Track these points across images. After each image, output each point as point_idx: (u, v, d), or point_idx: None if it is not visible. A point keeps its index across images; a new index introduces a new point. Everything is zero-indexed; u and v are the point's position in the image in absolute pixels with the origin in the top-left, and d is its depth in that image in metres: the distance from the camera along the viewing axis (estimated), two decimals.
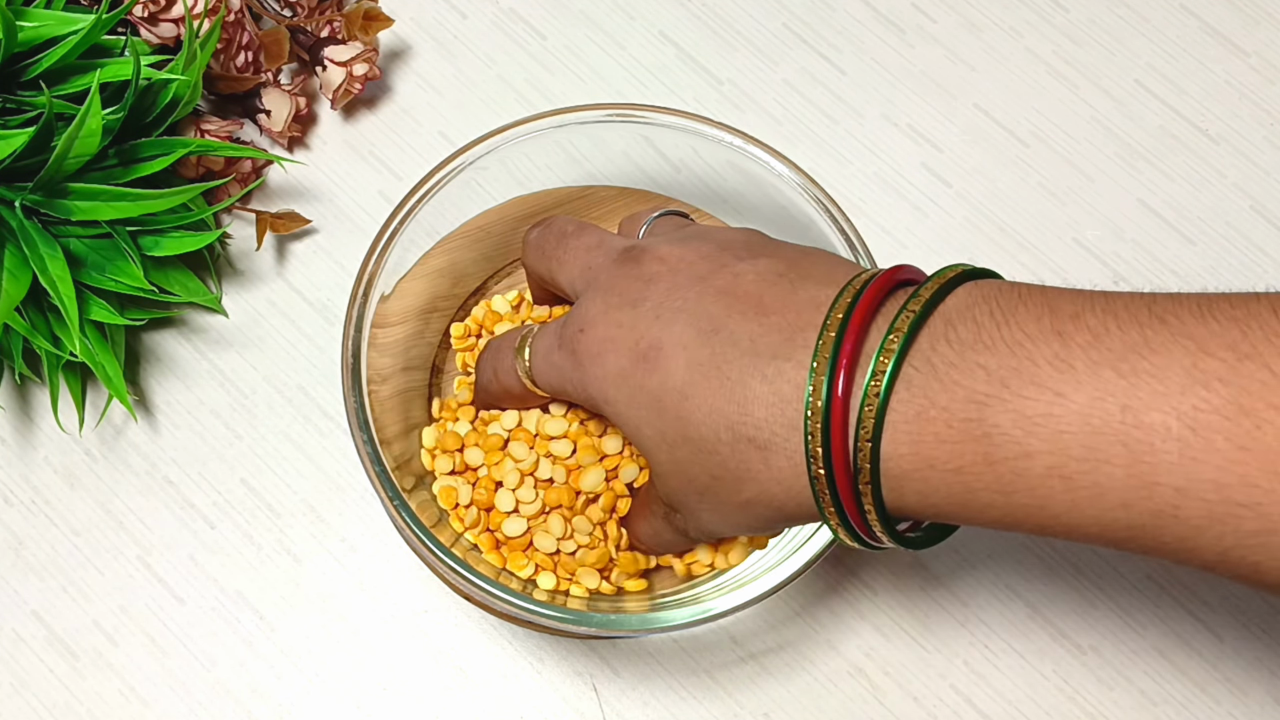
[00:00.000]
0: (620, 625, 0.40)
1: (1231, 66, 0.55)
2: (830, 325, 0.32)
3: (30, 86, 0.44)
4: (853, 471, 0.31)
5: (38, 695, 0.46)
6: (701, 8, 0.55)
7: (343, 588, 0.48)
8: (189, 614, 0.47)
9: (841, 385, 0.31)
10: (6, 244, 0.43)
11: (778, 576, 0.40)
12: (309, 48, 0.51)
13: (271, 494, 0.48)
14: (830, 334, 0.31)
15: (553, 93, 0.54)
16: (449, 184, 0.44)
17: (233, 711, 0.46)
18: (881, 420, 0.30)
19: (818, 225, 0.44)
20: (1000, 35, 0.55)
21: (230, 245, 0.51)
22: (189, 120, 0.48)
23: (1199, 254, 0.52)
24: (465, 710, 0.46)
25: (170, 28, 0.47)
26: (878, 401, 0.30)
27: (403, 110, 0.53)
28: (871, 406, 0.30)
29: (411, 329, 0.46)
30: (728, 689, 0.47)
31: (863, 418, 0.31)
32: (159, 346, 0.50)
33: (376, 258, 0.42)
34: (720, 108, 0.54)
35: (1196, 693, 0.47)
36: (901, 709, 0.47)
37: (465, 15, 0.55)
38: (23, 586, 0.47)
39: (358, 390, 0.41)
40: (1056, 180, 0.53)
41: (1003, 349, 0.29)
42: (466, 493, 0.43)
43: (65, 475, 0.48)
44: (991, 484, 0.30)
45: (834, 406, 0.31)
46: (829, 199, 0.43)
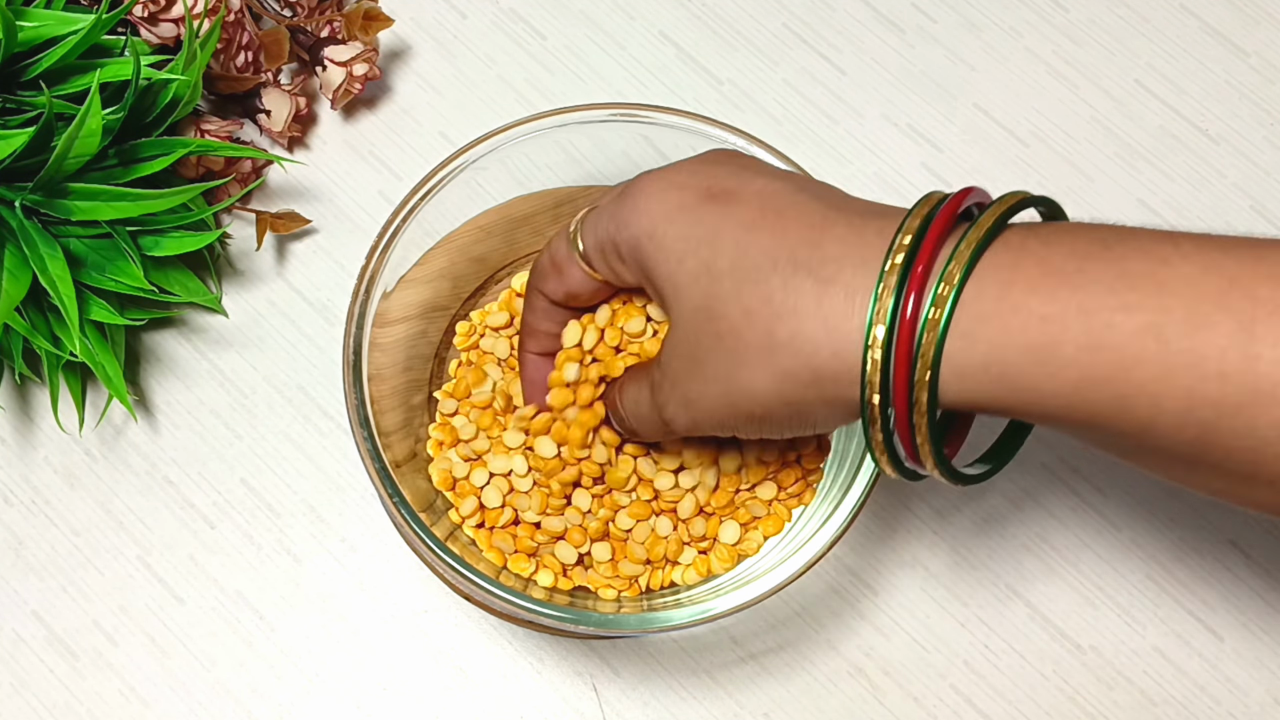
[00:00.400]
0: (620, 625, 0.40)
1: (1231, 66, 0.55)
2: (924, 204, 0.32)
3: (30, 86, 0.44)
4: (918, 324, 0.31)
5: (38, 695, 0.46)
6: (701, 8, 0.55)
7: (343, 588, 0.48)
8: (189, 614, 0.47)
9: (911, 310, 0.30)
10: (6, 244, 0.43)
11: (778, 576, 0.40)
12: (309, 48, 0.51)
13: (271, 494, 0.48)
14: (923, 210, 0.32)
15: (553, 93, 0.54)
16: (449, 184, 0.44)
17: (233, 711, 0.46)
18: (970, 271, 0.30)
19: None
20: (1000, 35, 0.55)
21: (230, 245, 0.51)
22: (189, 120, 0.48)
23: None
24: (465, 710, 0.46)
25: (170, 28, 0.47)
26: (969, 253, 0.30)
27: (403, 110, 0.53)
28: (958, 266, 0.30)
29: (412, 328, 0.46)
30: (728, 689, 0.47)
31: (945, 274, 0.30)
32: (159, 346, 0.50)
33: (378, 257, 0.42)
34: (720, 108, 0.54)
35: (1196, 693, 0.47)
36: (901, 709, 0.47)
37: (465, 15, 0.55)
38: (23, 586, 0.47)
39: (359, 387, 0.41)
40: (1056, 180, 0.53)
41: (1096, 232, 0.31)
42: (463, 468, 0.43)
43: (65, 475, 0.48)
44: (1079, 336, 0.29)
45: (917, 266, 0.31)
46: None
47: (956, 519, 0.49)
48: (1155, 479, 0.37)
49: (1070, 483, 0.49)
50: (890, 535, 0.48)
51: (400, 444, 0.44)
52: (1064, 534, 0.49)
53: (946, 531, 0.49)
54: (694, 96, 0.54)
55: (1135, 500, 0.49)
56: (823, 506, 0.42)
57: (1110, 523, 0.49)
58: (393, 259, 0.43)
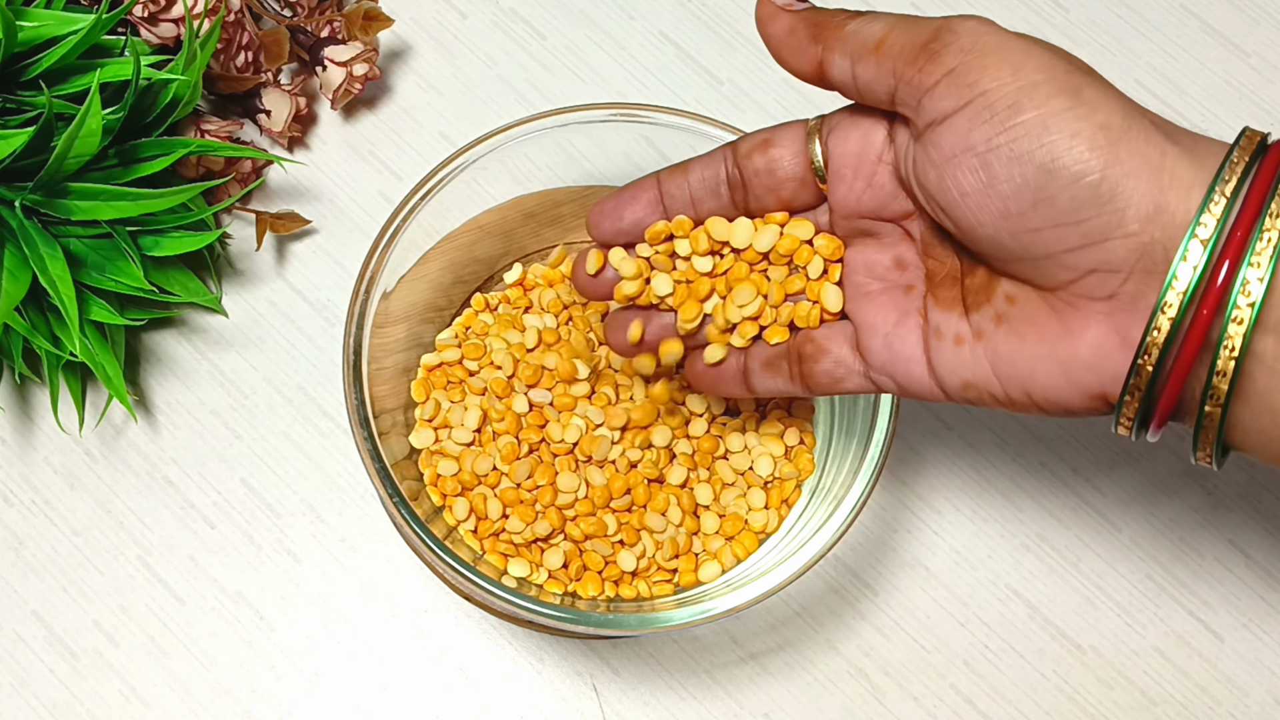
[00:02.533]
0: (620, 625, 0.40)
1: (1231, 66, 0.55)
2: (1215, 198, 0.29)
3: (30, 86, 0.44)
4: (1227, 297, 0.29)
5: (38, 695, 0.46)
6: (701, 8, 0.55)
7: (343, 588, 0.48)
8: (189, 614, 0.47)
9: (1224, 276, 0.28)
10: (6, 244, 0.43)
11: (778, 576, 0.40)
12: (309, 48, 0.51)
13: (271, 494, 0.48)
14: (1215, 204, 0.29)
15: (553, 93, 0.54)
16: (449, 184, 0.44)
17: (233, 711, 0.46)
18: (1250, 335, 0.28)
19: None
20: None
21: (230, 245, 0.51)
22: (189, 120, 0.48)
23: None
24: (465, 710, 0.46)
25: (170, 28, 0.47)
26: (1251, 312, 0.28)
27: (403, 110, 0.53)
28: (1241, 320, 0.28)
29: (412, 328, 0.46)
30: (728, 689, 0.47)
31: (1230, 326, 0.28)
32: (159, 346, 0.50)
33: (378, 257, 0.42)
34: (720, 108, 0.54)
35: (1196, 693, 0.47)
36: (901, 709, 0.47)
37: (465, 15, 0.55)
38: (23, 586, 0.47)
39: (359, 387, 0.41)
40: None
41: None
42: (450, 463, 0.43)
43: (65, 475, 0.48)
44: None
45: (1207, 295, 0.28)
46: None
47: (956, 519, 0.49)
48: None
49: (1070, 483, 0.49)
50: (890, 535, 0.48)
51: (400, 444, 0.44)
52: (1064, 534, 0.49)
53: (946, 531, 0.49)
54: (694, 96, 0.54)
55: (1135, 500, 0.49)
56: (823, 506, 0.42)
57: (1110, 523, 0.49)
58: (393, 259, 0.43)
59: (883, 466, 0.41)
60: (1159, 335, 0.29)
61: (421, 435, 0.44)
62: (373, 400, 0.42)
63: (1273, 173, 0.29)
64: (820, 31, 0.35)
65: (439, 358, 0.45)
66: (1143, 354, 0.30)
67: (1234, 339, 0.29)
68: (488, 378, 0.44)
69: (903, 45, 0.33)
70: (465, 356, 0.45)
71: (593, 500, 0.43)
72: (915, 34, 0.33)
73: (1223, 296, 0.29)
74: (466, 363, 0.45)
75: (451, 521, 0.44)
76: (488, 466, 0.43)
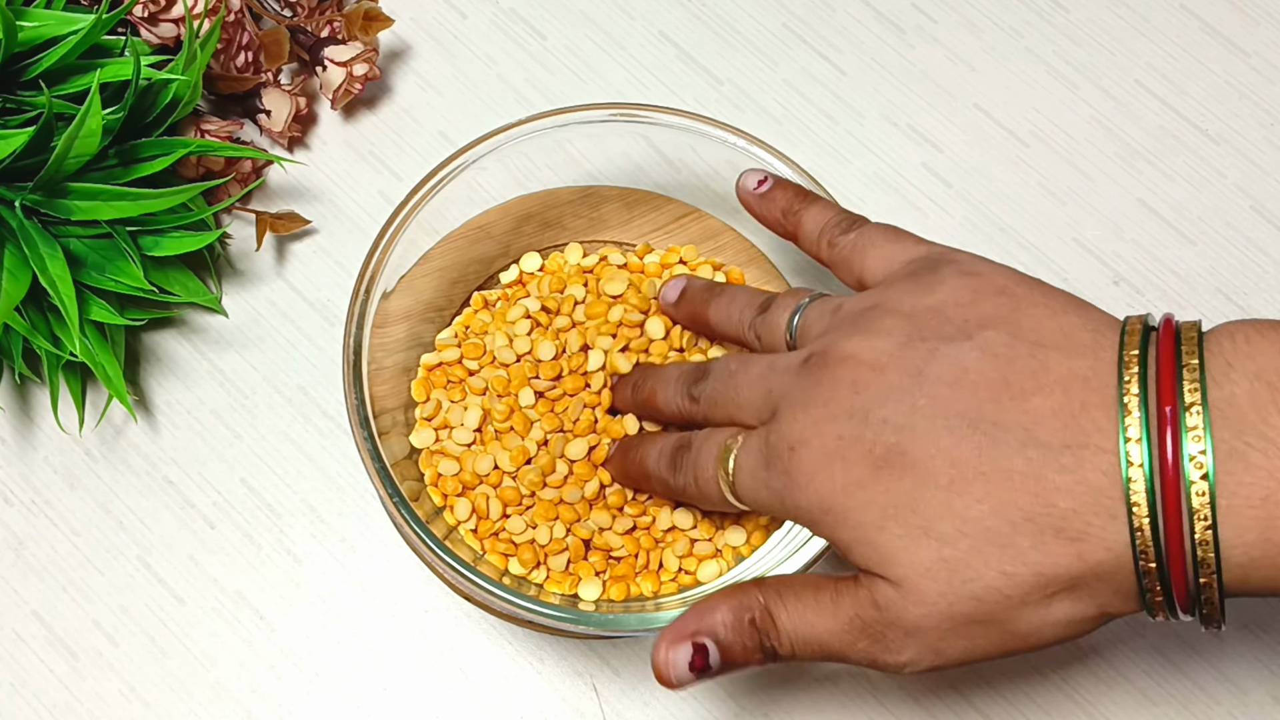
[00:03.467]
0: (620, 625, 0.40)
1: (1231, 66, 0.55)
2: (1128, 405, 0.30)
3: (30, 86, 0.44)
4: (1190, 565, 0.30)
5: (38, 695, 0.46)
6: (701, 8, 0.55)
7: (343, 588, 0.48)
8: (189, 614, 0.47)
9: (1170, 468, 0.29)
10: (6, 244, 0.43)
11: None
12: (309, 48, 0.51)
13: (271, 494, 0.48)
14: (1132, 414, 0.30)
15: (553, 93, 0.54)
16: (449, 184, 0.44)
17: (233, 711, 0.46)
18: (1216, 505, 0.29)
19: None
20: (1000, 35, 0.55)
21: (230, 245, 0.51)
22: (189, 120, 0.48)
23: (1199, 254, 0.52)
24: (465, 710, 0.46)
25: (170, 28, 0.47)
26: (1209, 484, 0.29)
27: (403, 110, 0.53)
28: (1204, 492, 0.29)
29: (412, 328, 0.46)
30: (728, 689, 0.47)
31: (1194, 505, 0.29)
32: (159, 346, 0.50)
33: (378, 257, 0.42)
34: (720, 108, 0.54)
35: (1196, 693, 0.47)
36: (901, 709, 0.47)
37: (465, 15, 0.55)
38: (23, 586, 0.47)
39: (359, 387, 0.41)
40: (1056, 180, 0.53)
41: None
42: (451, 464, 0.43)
43: (65, 475, 0.48)
44: None
45: (1166, 494, 0.29)
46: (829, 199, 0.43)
47: None
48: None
49: None
50: None
51: (400, 444, 0.44)
52: None
53: None
54: (694, 96, 0.54)
55: None
56: None
57: None
58: (393, 259, 0.43)
59: None
60: (1144, 536, 0.30)
61: (422, 435, 0.44)
62: (373, 400, 0.42)
63: (1171, 352, 0.30)
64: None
65: (439, 357, 0.45)
66: (1140, 558, 0.30)
67: (1202, 510, 0.29)
68: (488, 377, 0.44)
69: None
70: (465, 356, 0.45)
71: (605, 500, 0.43)
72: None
73: (1178, 477, 0.29)
74: (466, 362, 0.45)
75: (452, 521, 0.44)
76: (488, 466, 0.43)
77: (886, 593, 0.33)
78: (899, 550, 0.32)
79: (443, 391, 0.45)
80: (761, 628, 0.34)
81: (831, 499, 0.33)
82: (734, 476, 0.36)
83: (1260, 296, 0.52)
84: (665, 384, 0.41)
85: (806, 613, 0.34)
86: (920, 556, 0.32)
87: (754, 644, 0.34)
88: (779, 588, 0.35)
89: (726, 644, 0.34)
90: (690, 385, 0.40)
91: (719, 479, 0.37)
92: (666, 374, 0.42)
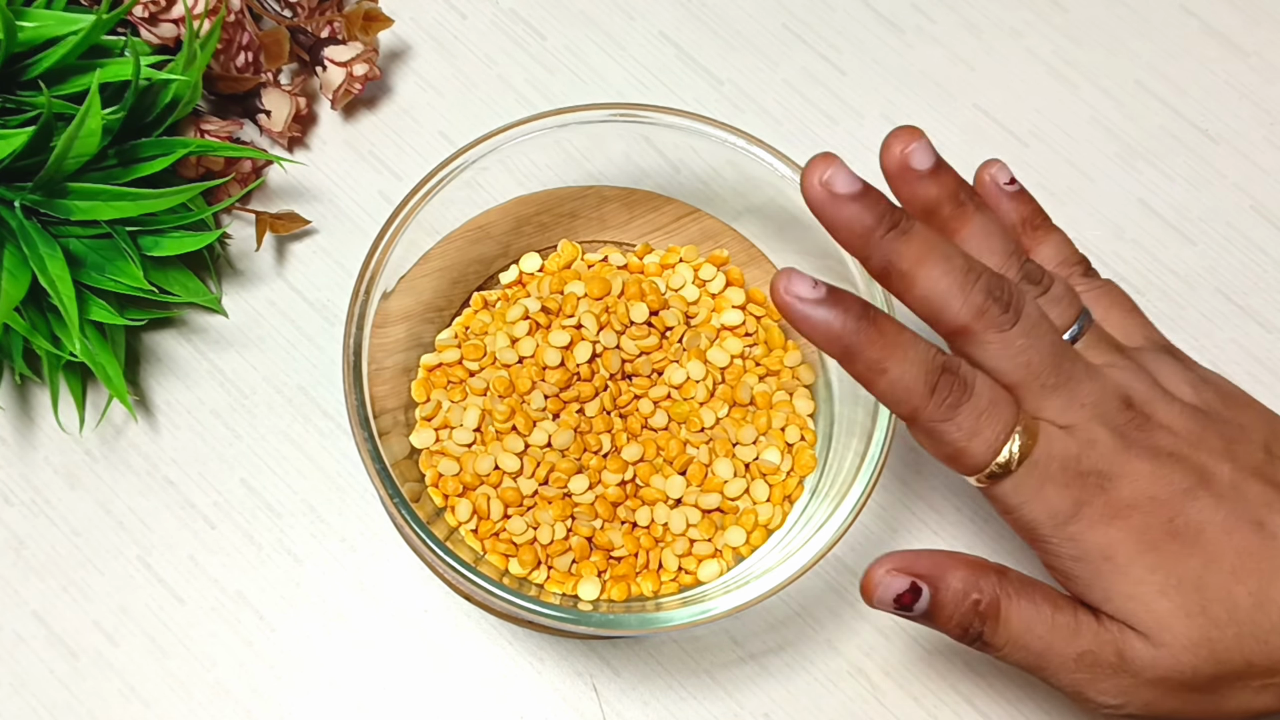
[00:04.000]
0: (620, 625, 0.40)
1: (1231, 66, 0.55)
2: None
3: (30, 86, 0.44)
4: None
5: (38, 695, 0.46)
6: (701, 8, 0.55)
7: (343, 588, 0.48)
8: (189, 614, 0.47)
9: None
10: (6, 244, 0.43)
11: (778, 576, 0.40)
12: (309, 48, 0.51)
13: (271, 494, 0.48)
14: None
15: (553, 93, 0.54)
16: (449, 184, 0.44)
17: (233, 711, 0.46)
18: None
19: (818, 226, 0.44)
20: (1000, 35, 0.55)
21: (230, 245, 0.51)
22: (189, 120, 0.48)
23: (1199, 254, 0.52)
24: (465, 710, 0.46)
25: (170, 28, 0.47)
26: None
27: (403, 110, 0.53)
28: None
29: (412, 328, 0.46)
30: (728, 689, 0.47)
31: None
32: (159, 346, 0.50)
33: (378, 257, 0.42)
34: (720, 108, 0.54)
35: None
36: (901, 709, 0.47)
37: (465, 15, 0.55)
38: (23, 586, 0.47)
39: (359, 387, 0.41)
40: (1056, 180, 0.53)
41: None
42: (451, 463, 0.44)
43: (65, 475, 0.49)
44: None
45: None
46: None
47: (956, 519, 0.49)
48: None
49: None
50: (890, 535, 0.48)
51: (400, 444, 0.44)
52: None
53: (946, 531, 0.49)
54: (694, 96, 0.54)
55: None
56: (823, 506, 0.42)
57: None
58: (393, 259, 0.43)
59: (883, 466, 0.41)
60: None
61: (422, 435, 0.44)
62: (373, 400, 0.42)
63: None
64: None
65: (439, 358, 0.45)
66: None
67: None
68: (488, 377, 0.44)
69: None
70: (465, 357, 0.45)
71: (607, 499, 0.43)
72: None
73: None
74: (467, 363, 0.45)
75: (453, 522, 0.44)
76: (489, 466, 0.43)
77: (1136, 647, 0.35)
78: (1173, 620, 0.35)
79: (443, 392, 0.45)
80: (983, 613, 0.35)
81: (1119, 549, 0.35)
82: (1018, 463, 0.34)
83: (1260, 296, 0.52)
84: (945, 260, 0.34)
85: (1038, 625, 0.36)
86: (1191, 631, 0.35)
87: (965, 621, 0.35)
88: (1020, 586, 0.36)
89: (940, 603, 0.35)
90: (991, 289, 0.34)
91: (999, 451, 0.34)
92: (946, 248, 0.34)
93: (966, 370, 0.34)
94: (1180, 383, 0.37)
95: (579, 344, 0.44)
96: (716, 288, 0.47)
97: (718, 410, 0.45)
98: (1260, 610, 0.34)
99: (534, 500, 0.43)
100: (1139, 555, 0.35)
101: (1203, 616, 0.34)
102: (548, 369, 0.44)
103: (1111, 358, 0.36)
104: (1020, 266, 0.36)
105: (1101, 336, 0.37)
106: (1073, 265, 0.40)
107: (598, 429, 0.44)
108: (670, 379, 0.45)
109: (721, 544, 0.44)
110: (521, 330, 0.45)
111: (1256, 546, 0.35)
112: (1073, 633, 0.35)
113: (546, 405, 0.44)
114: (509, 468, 0.43)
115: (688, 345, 0.45)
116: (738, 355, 0.46)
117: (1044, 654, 0.36)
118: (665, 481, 0.44)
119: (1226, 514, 0.35)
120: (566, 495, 0.43)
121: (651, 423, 0.44)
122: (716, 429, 0.44)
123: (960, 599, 0.35)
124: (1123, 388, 0.35)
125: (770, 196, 0.45)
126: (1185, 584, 0.34)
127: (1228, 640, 0.34)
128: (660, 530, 0.43)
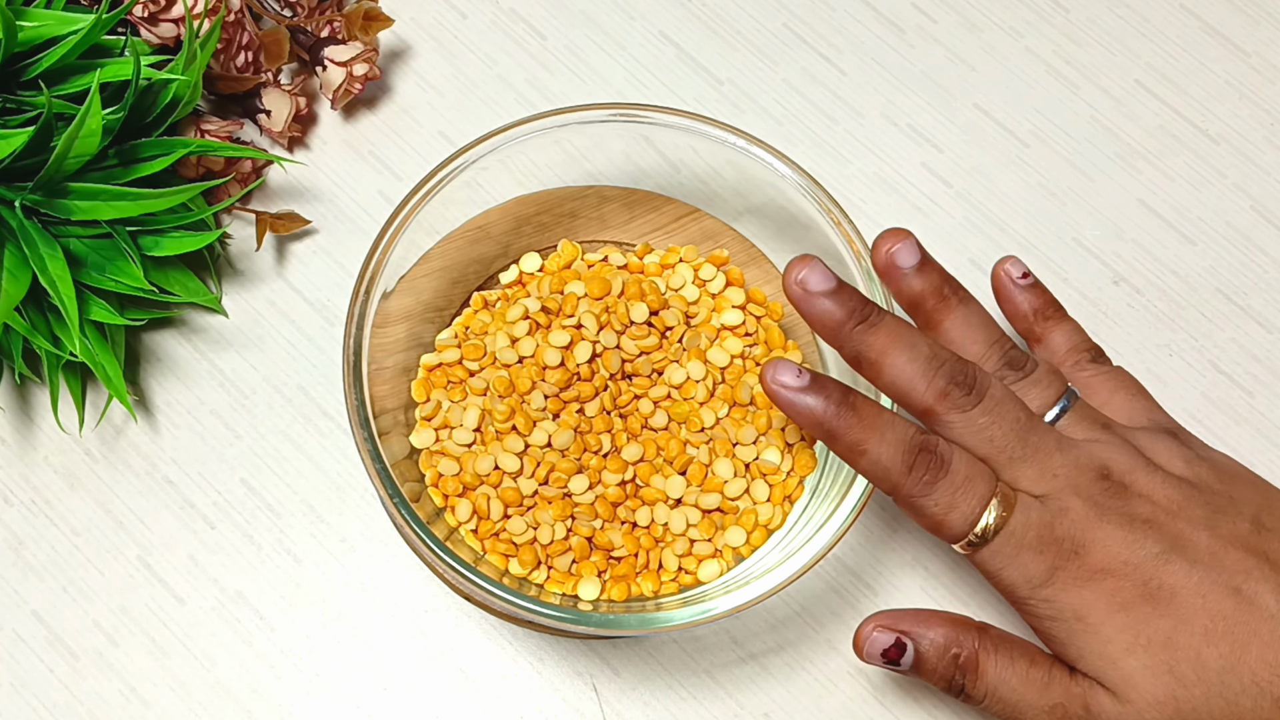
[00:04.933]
0: (620, 625, 0.40)
1: (1231, 66, 0.55)
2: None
3: (30, 86, 0.44)
4: None
5: (38, 695, 0.46)
6: (701, 8, 0.55)
7: (343, 588, 0.48)
8: (189, 614, 0.47)
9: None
10: (6, 244, 0.43)
11: (778, 576, 0.40)
12: (309, 48, 0.51)
13: (271, 494, 0.48)
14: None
15: (553, 93, 0.54)
16: (449, 184, 0.44)
17: (233, 711, 0.46)
18: None
19: (818, 225, 0.44)
20: (1000, 35, 0.55)
21: (230, 245, 0.51)
22: (189, 120, 0.48)
23: (1199, 254, 0.52)
24: (465, 710, 0.46)
25: (170, 28, 0.47)
26: None
27: (403, 110, 0.53)
28: None
29: (412, 328, 0.46)
30: (728, 689, 0.47)
31: None
32: (159, 346, 0.50)
33: (378, 257, 0.42)
34: (720, 108, 0.54)
35: None
36: (901, 709, 0.47)
37: (465, 15, 0.55)
38: (23, 586, 0.47)
39: (359, 387, 0.41)
40: (1056, 180, 0.53)
41: None
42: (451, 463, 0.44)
43: (65, 475, 0.48)
44: None
45: None
46: (829, 199, 0.43)
47: None
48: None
49: None
50: (890, 535, 0.48)
51: (400, 444, 0.44)
52: None
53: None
54: (694, 96, 0.54)
55: None
56: (823, 506, 0.42)
57: None
58: (393, 259, 0.43)
59: None
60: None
61: (422, 435, 0.44)
62: (373, 400, 0.42)
63: None
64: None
65: (439, 358, 0.45)
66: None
67: None
68: (489, 377, 0.44)
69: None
70: (465, 357, 0.45)
71: (607, 499, 0.43)
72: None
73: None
74: (467, 363, 0.45)
75: (453, 522, 0.44)
76: (489, 466, 0.43)
77: (1103, 702, 0.37)
78: (1140, 678, 0.36)
79: (443, 392, 0.45)
80: (962, 666, 0.38)
81: (1091, 610, 0.36)
82: (994, 534, 0.37)
83: (1260, 296, 0.52)
84: (910, 349, 0.37)
85: (1013, 678, 0.38)
86: (1156, 689, 0.36)
87: (946, 674, 0.38)
88: (998, 643, 0.39)
89: (923, 656, 0.38)
90: (953, 374, 0.37)
91: (975, 523, 0.37)
92: (912, 338, 0.37)
93: (944, 448, 0.37)
94: (1173, 457, 0.39)
95: (579, 344, 0.44)
96: (716, 288, 0.47)
97: (718, 410, 0.45)
98: (1231, 673, 0.35)
99: (534, 500, 0.43)
100: (1110, 615, 0.36)
101: (1169, 675, 0.36)
102: (548, 369, 0.44)
103: (1095, 434, 0.39)
104: (1004, 353, 0.40)
105: (1086, 414, 0.39)
106: (1082, 352, 0.42)
107: (598, 429, 0.44)
108: (670, 379, 0.45)
109: (721, 544, 0.44)
110: (521, 330, 0.45)
111: (1231, 611, 0.36)
112: (1045, 687, 0.38)
113: (546, 405, 0.43)
114: (509, 468, 0.43)
115: (688, 345, 0.45)
116: (738, 355, 0.46)
117: (1018, 705, 0.38)
118: (665, 481, 0.44)
119: (1200, 579, 0.36)
120: (566, 495, 0.43)
121: (651, 423, 0.44)
122: (716, 429, 0.44)
123: (942, 652, 0.38)
124: (1100, 459, 0.38)
125: (770, 196, 0.45)
126: (1154, 643, 0.36)
127: (1195, 700, 0.35)
128: (660, 530, 0.43)
